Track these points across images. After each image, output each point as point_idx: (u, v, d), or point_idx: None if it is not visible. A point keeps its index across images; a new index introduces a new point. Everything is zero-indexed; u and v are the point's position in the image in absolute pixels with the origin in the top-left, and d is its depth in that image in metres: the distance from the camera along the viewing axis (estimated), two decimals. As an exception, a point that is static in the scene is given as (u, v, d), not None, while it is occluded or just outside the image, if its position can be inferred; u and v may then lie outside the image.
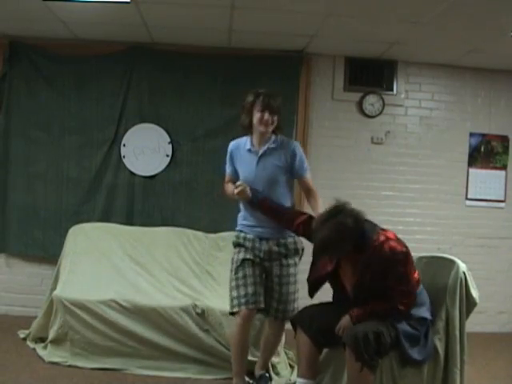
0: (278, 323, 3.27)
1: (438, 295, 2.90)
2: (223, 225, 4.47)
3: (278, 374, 3.64)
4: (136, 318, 3.67)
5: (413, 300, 2.74)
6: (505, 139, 5.18)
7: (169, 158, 4.78)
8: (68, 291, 3.78)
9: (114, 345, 3.65)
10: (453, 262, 2.95)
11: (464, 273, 2.88)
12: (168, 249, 4.35)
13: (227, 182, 3.32)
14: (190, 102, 4.78)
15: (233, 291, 3.11)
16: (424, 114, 5.12)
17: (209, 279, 4.20)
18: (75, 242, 4.28)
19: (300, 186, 3.35)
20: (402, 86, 5.08)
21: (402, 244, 2.72)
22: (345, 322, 2.77)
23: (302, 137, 4.85)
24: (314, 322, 2.88)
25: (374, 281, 2.69)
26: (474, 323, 3.28)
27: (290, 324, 3.09)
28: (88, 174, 4.74)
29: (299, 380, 2.90)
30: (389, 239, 2.70)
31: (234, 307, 3.09)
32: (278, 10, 3.90)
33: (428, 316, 2.82)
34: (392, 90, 5.05)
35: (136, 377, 3.54)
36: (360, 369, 2.57)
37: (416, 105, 5.11)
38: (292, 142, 3.32)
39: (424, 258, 3.17)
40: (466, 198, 5.14)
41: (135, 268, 4.18)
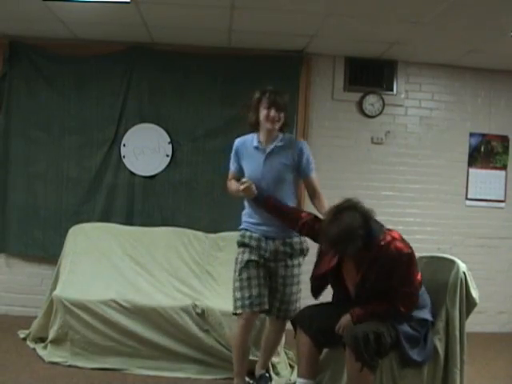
0: (279, 322, 3.27)
1: (438, 295, 2.90)
2: (223, 225, 4.48)
3: (278, 373, 3.64)
4: (136, 318, 3.67)
5: (415, 302, 2.73)
6: (505, 139, 5.18)
7: (169, 158, 4.77)
8: (68, 291, 3.78)
9: (114, 345, 3.65)
10: (453, 262, 2.95)
11: (464, 273, 2.88)
12: (168, 249, 4.34)
13: (230, 179, 3.29)
14: (189, 101, 4.78)
15: (236, 292, 3.09)
16: (424, 113, 5.12)
17: (209, 279, 4.19)
18: (75, 242, 4.28)
19: (305, 186, 3.30)
20: (402, 85, 5.08)
21: (407, 245, 2.71)
22: (345, 320, 2.77)
23: (302, 137, 4.83)
24: (314, 321, 2.88)
25: (378, 280, 2.68)
26: (473, 323, 3.28)
27: (290, 324, 3.09)
28: (88, 173, 4.74)
29: (299, 380, 2.90)
30: (395, 239, 2.68)
31: (238, 308, 3.07)
32: (277, 10, 3.90)
33: (429, 318, 2.82)
34: (392, 90, 5.05)
35: (136, 377, 3.54)
36: (360, 369, 2.57)
37: (416, 105, 5.11)
38: (300, 140, 3.33)
39: (424, 258, 3.16)
40: (466, 198, 5.14)
41: (135, 268, 4.18)
